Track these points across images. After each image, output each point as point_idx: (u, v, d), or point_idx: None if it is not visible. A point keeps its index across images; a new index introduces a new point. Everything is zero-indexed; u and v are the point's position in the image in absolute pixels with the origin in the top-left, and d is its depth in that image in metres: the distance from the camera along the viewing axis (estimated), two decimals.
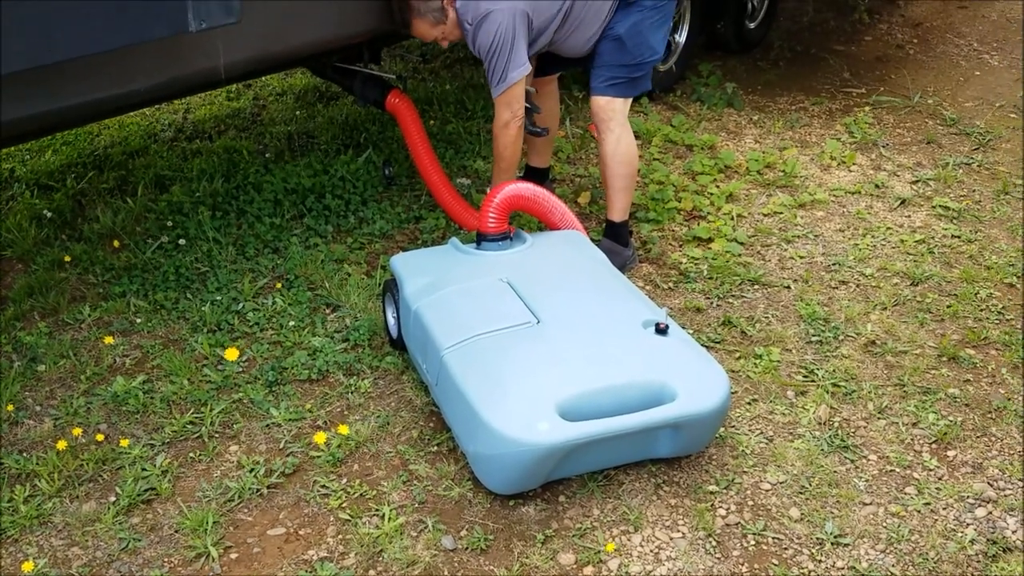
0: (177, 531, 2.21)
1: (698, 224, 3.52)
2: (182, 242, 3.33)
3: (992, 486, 2.35)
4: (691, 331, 2.87)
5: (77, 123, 3.66)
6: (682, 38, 4.64)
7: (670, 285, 3.19)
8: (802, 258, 3.35)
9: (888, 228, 3.54)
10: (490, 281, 2.59)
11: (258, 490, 2.32)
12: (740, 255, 3.34)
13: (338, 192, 3.63)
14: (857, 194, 3.80)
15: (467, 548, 2.16)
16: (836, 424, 2.55)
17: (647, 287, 3.17)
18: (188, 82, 2.89)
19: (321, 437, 2.44)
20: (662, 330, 2.38)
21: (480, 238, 2.79)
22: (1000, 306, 3.08)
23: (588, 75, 3.13)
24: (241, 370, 2.74)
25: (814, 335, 2.92)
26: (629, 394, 2.22)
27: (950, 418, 2.58)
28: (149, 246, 3.30)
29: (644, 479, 2.35)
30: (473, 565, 2.12)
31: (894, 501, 2.30)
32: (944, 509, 2.28)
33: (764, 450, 2.45)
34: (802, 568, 2.12)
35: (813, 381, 2.72)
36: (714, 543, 2.18)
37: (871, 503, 2.30)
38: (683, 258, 3.32)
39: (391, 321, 2.78)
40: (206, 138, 4.30)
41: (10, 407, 2.57)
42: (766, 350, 2.82)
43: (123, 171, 3.92)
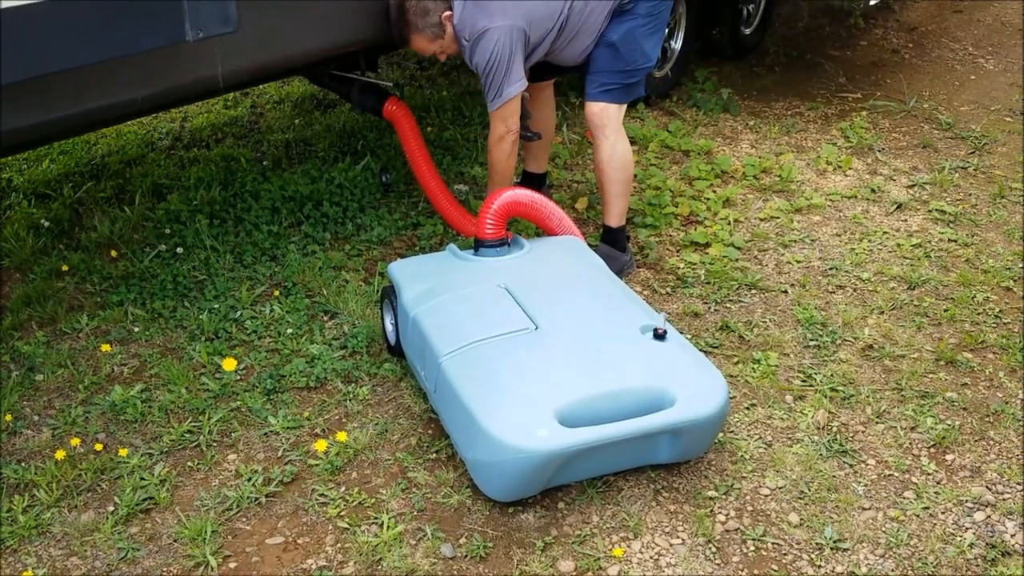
0: (176, 540, 2.21)
1: (695, 229, 3.53)
2: (180, 250, 3.33)
3: (991, 490, 2.35)
4: (689, 336, 2.88)
5: (74, 133, 3.66)
6: (678, 44, 4.65)
7: (668, 290, 3.19)
8: (799, 262, 3.36)
9: (885, 232, 3.55)
10: (488, 287, 2.59)
11: (256, 499, 2.32)
12: (737, 260, 3.35)
13: (336, 199, 3.63)
14: (853, 198, 3.81)
15: (466, 556, 2.15)
16: (834, 429, 2.55)
17: (645, 292, 3.17)
18: (186, 91, 2.90)
19: (320, 445, 2.43)
20: (660, 335, 2.38)
21: (478, 244, 2.79)
22: (997, 310, 3.08)
23: (583, 81, 3.15)
24: (239, 378, 2.74)
25: (812, 339, 2.92)
26: (628, 400, 2.22)
27: (948, 422, 2.58)
28: (147, 255, 3.30)
29: (643, 485, 2.35)
30: (472, 573, 2.12)
31: (893, 505, 2.31)
32: (943, 513, 2.29)
33: (763, 455, 2.46)
34: (802, 573, 2.12)
35: (811, 386, 2.72)
36: (714, 549, 2.18)
37: (870, 508, 2.30)
38: (680, 263, 3.33)
39: (389, 328, 2.78)
40: (203, 146, 4.30)
41: (8, 417, 2.57)
42: (764, 355, 2.82)
43: (120, 180, 3.92)
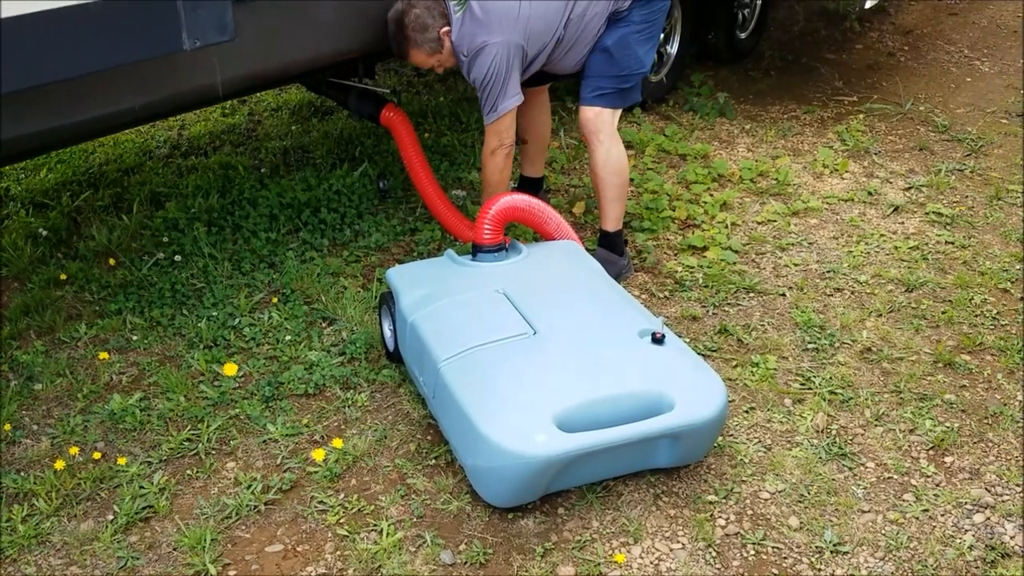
0: (175, 549, 2.20)
1: (692, 233, 3.53)
2: (178, 258, 3.33)
3: (990, 492, 2.36)
4: (687, 340, 2.88)
5: (72, 142, 3.67)
6: (673, 49, 4.66)
7: (666, 294, 3.20)
8: (797, 266, 3.36)
9: (882, 235, 3.56)
10: (486, 292, 2.59)
11: (256, 507, 2.31)
12: (735, 263, 3.35)
13: (334, 206, 3.63)
14: (850, 201, 3.81)
15: (466, 562, 2.15)
16: (834, 432, 2.56)
17: (643, 296, 3.18)
18: (183, 100, 2.91)
19: (319, 453, 2.43)
20: (658, 339, 2.38)
21: (476, 250, 2.80)
22: (995, 311, 3.09)
23: (579, 86, 3.16)
24: (238, 386, 2.74)
25: (810, 342, 2.92)
26: (626, 404, 2.22)
27: (947, 424, 2.58)
28: (145, 263, 3.30)
29: (643, 490, 2.35)
30: None
31: (892, 508, 2.31)
32: (942, 516, 2.29)
33: (762, 459, 2.46)
34: None
35: (810, 389, 2.72)
36: (714, 553, 2.18)
37: (869, 510, 2.30)
38: (678, 267, 3.33)
39: (388, 334, 2.78)
40: (201, 154, 4.30)
41: (7, 427, 2.57)
42: (763, 358, 2.82)
43: (118, 188, 3.93)
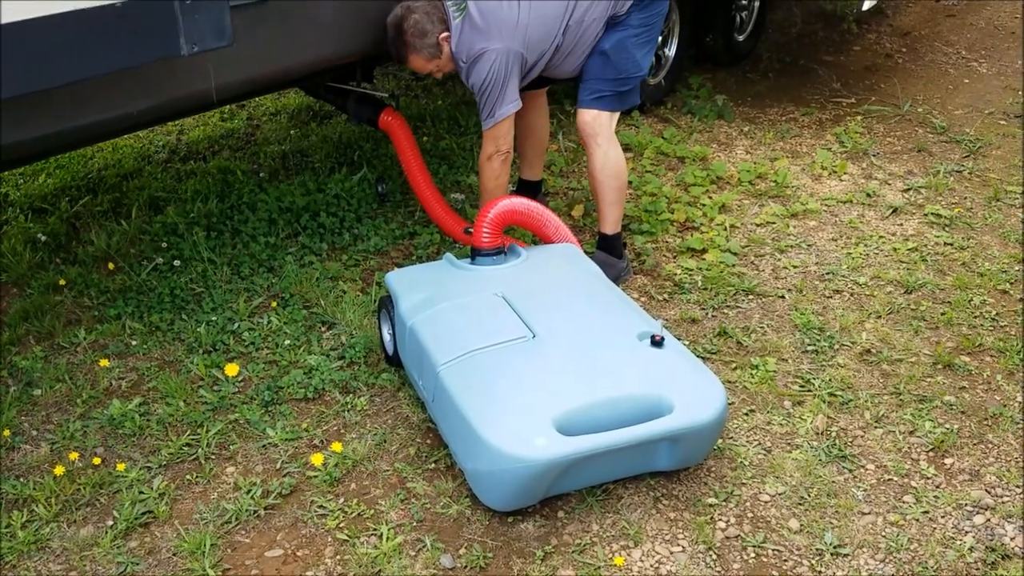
0: (175, 554, 2.20)
1: (691, 235, 3.53)
2: (177, 263, 3.33)
3: (990, 493, 2.35)
4: (687, 342, 2.88)
5: (69, 148, 3.66)
6: (672, 51, 4.67)
7: (665, 296, 3.20)
8: (796, 268, 3.36)
9: (880, 237, 3.56)
10: (485, 296, 2.59)
11: (255, 511, 2.31)
12: (734, 265, 3.35)
13: (332, 210, 3.63)
14: (849, 203, 3.81)
15: (466, 566, 2.15)
16: (833, 434, 2.55)
17: (642, 299, 3.18)
18: (181, 105, 2.91)
19: (318, 457, 2.43)
20: (658, 342, 2.38)
21: (475, 253, 2.80)
22: (994, 313, 3.09)
23: (576, 89, 3.16)
24: (237, 390, 2.74)
25: (809, 344, 2.92)
26: (626, 407, 2.22)
27: (947, 426, 2.58)
28: (144, 268, 3.30)
29: (643, 493, 2.34)
30: None
31: (892, 510, 2.30)
32: (943, 517, 2.28)
33: (762, 461, 2.45)
34: None
35: (810, 391, 2.72)
36: (714, 556, 2.17)
37: (870, 512, 2.30)
38: (677, 269, 3.33)
39: (387, 338, 2.78)
40: (200, 159, 4.30)
41: (7, 432, 2.57)
42: (762, 360, 2.82)
43: (117, 193, 3.93)
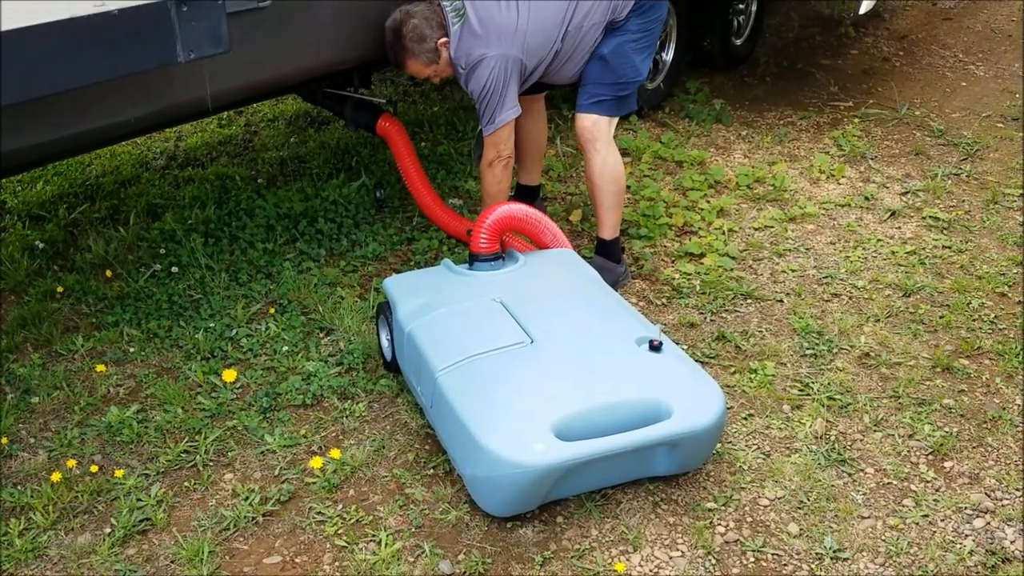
0: (173, 561, 2.19)
1: (689, 239, 3.53)
2: (175, 270, 3.32)
3: (990, 496, 2.35)
4: (685, 347, 2.88)
5: (66, 155, 3.66)
6: (669, 56, 4.67)
7: (663, 301, 3.20)
8: (794, 271, 3.36)
9: (879, 240, 3.56)
10: (483, 302, 2.59)
11: (253, 518, 2.31)
12: (732, 269, 3.35)
13: (330, 216, 3.63)
14: (847, 207, 3.81)
15: (465, 572, 2.14)
16: (832, 437, 2.55)
17: (640, 303, 3.18)
18: (178, 112, 2.90)
19: (316, 463, 2.43)
20: (656, 347, 2.38)
21: (472, 259, 2.80)
22: (992, 316, 3.08)
23: (575, 94, 3.16)
24: (235, 397, 2.73)
25: (808, 348, 2.92)
26: (624, 412, 2.21)
27: (946, 429, 2.58)
28: (142, 274, 3.30)
29: (642, 497, 2.34)
30: None
31: (892, 514, 2.30)
32: (942, 521, 2.28)
33: (761, 465, 2.45)
34: None
35: (808, 395, 2.72)
36: (713, 561, 2.17)
37: (869, 516, 2.29)
38: (675, 274, 3.33)
39: (385, 344, 2.78)
40: (198, 165, 4.30)
41: (4, 440, 2.56)
42: (761, 364, 2.82)
43: (115, 200, 3.92)
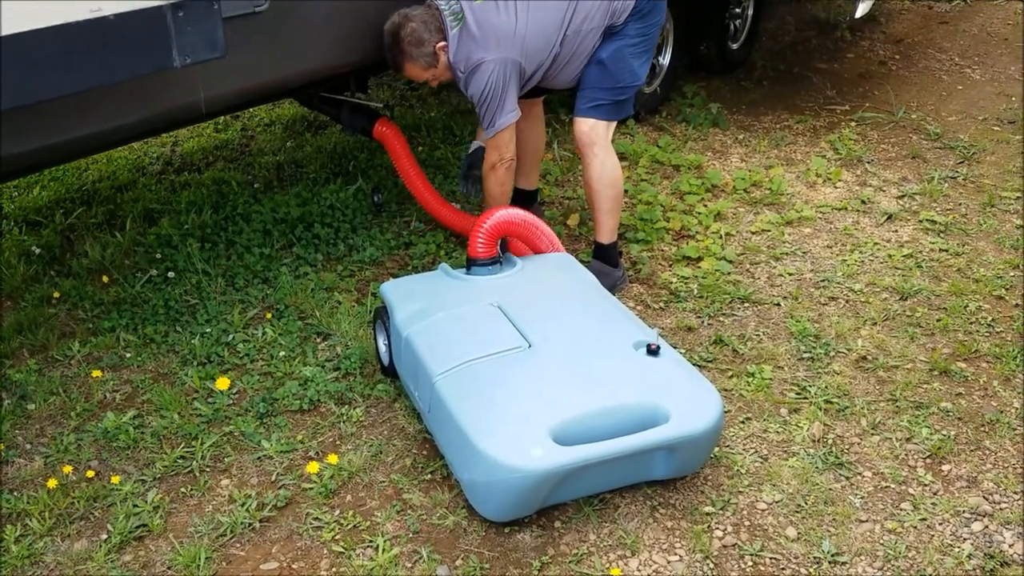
0: (170, 568, 2.19)
1: (687, 243, 3.53)
2: (171, 275, 3.32)
3: (988, 500, 2.35)
4: (683, 351, 2.87)
5: (63, 160, 3.66)
6: (666, 60, 4.68)
7: (660, 305, 3.19)
8: (791, 275, 3.36)
9: (875, 243, 3.56)
10: (481, 306, 2.59)
11: (250, 524, 2.30)
12: (729, 273, 3.35)
13: (327, 220, 3.63)
14: (844, 210, 3.82)
15: None
16: (830, 441, 2.55)
17: (637, 307, 3.17)
18: (173, 116, 2.90)
19: (313, 468, 2.42)
20: (653, 351, 2.38)
21: (470, 263, 2.79)
22: (990, 318, 3.09)
23: (573, 98, 3.16)
24: (231, 402, 2.73)
25: (805, 352, 2.92)
26: (622, 417, 2.21)
27: (943, 432, 2.58)
28: (138, 280, 3.29)
29: (640, 502, 2.34)
30: None
31: (890, 517, 2.30)
32: (940, 524, 2.28)
33: (759, 469, 2.45)
34: None
35: (806, 398, 2.72)
36: (712, 565, 2.16)
37: (867, 520, 2.29)
38: (673, 277, 3.33)
39: (382, 348, 2.77)
40: (194, 170, 4.30)
41: (0, 446, 2.55)
42: (758, 368, 2.82)
43: (111, 205, 3.92)
